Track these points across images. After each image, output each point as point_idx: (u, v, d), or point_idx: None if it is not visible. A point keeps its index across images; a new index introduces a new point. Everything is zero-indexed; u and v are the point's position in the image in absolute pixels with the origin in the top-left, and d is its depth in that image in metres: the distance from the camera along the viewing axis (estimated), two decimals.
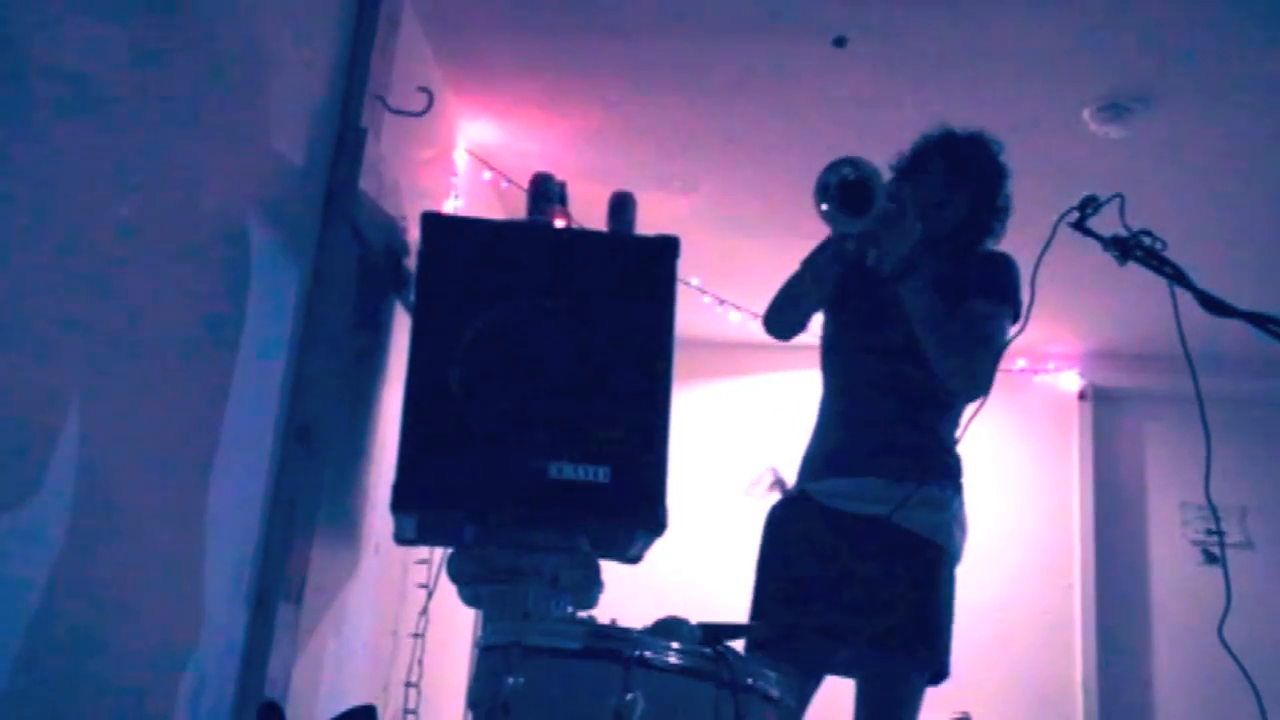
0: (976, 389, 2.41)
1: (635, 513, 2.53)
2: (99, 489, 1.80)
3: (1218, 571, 4.90)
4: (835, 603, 2.34)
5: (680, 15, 3.15)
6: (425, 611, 2.99)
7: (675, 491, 2.53)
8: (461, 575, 2.63)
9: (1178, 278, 1.84)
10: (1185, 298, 1.82)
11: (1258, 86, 3.24)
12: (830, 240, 2.42)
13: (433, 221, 2.71)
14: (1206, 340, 1.91)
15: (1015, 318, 2.46)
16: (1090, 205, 1.94)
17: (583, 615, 2.38)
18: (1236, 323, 1.79)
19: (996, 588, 4.87)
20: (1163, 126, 3.43)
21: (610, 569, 2.70)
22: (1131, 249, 1.88)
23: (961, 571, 2.45)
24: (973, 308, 2.41)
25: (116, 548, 1.88)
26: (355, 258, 2.80)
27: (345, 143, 2.70)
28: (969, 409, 2.48)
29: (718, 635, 1.88)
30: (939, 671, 2.37)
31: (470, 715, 1.97)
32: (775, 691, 1.87)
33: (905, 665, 2.35)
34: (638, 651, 1.76)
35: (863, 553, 2.36)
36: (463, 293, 2.61)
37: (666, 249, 2.69)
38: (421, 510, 2.59)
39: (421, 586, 2.99)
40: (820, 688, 2.43)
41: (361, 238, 2.79)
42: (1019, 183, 2.59)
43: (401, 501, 2.50)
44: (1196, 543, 5.12)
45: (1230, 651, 1.97)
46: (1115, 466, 5.27)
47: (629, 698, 1.72)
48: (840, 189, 2.25)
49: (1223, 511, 4.86)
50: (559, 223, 3.04)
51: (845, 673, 2.44)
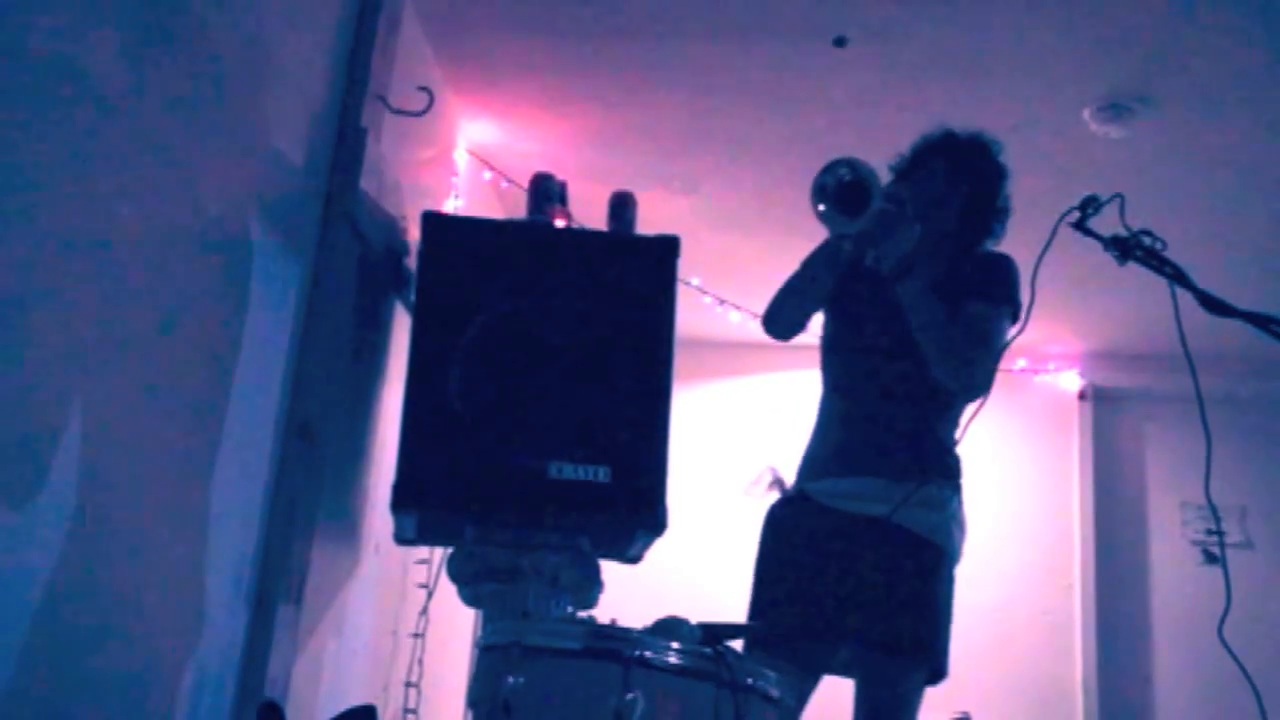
0: (974, 389, 2.41)
1: (635, 513, 2.53)
2: (99, 488, 1.80)
3: (1218, 571, 4.91)
4: (834, 602, 2.34)
5: (680, 15, 3.15)
6: (425, 611, 2.99)
7: (675, 491, 2.53)
8: (461, 575, 2.63)
9: (1178, 278, 1.84)
10: (1185, 298, 1.82)
11: (1258, 86, 3.24)
12: (829, 241, 2.42)
13: (433, 221, 2.71)
14: (1206, 340, 1.91)
15: (1015, 318, 2.46)
16: (1090, 205, 1.94)
17: (583, 615, 2.38)
18: (1236, 323, 1.79)
19: (996, 588, 4.87)
20: (1163, 126, 3.43)
21: (610, 569, 2.70)
22: (1131, 249, 1.88)
23: (961, 571, 2.45)
24: (972, 308, 2.41)
25: (117, 547, 1.88)
26: (355, 258, 2.80)
27: (345, 143, 2.70)
28: (969, 409, 2.48)
29: (718, 635, 1.88)
30: (937, 671, 2.37)
31: (470, 715, 1.97)
32: (775, 691, 1.87)
33: (903, 665, 2.34)
34: (638, 651, 1.76)
35: (862, 552, 2.36)
36: (463, 293, 2.61)
37: (667, 249, 2.69)
38: (421, 510, 2.59)
39: (421, 586, 2.99)
40: (820, 688, 2.43)
41: (362, 238, 2.79)
42: (1019, 183, 2.59)
43: (401, 501, 2.51)
44: (1196, 543, 5.11)
45: (1230, 651, 1.97)
46: (1115, 466, 5.27)
47: (629, 698, 1.72)
48: (837, 190, 2.25)
49: (1223, 511, 4.86)
50: (559, 223, 3.04)
51: (844, 672, 2.44)
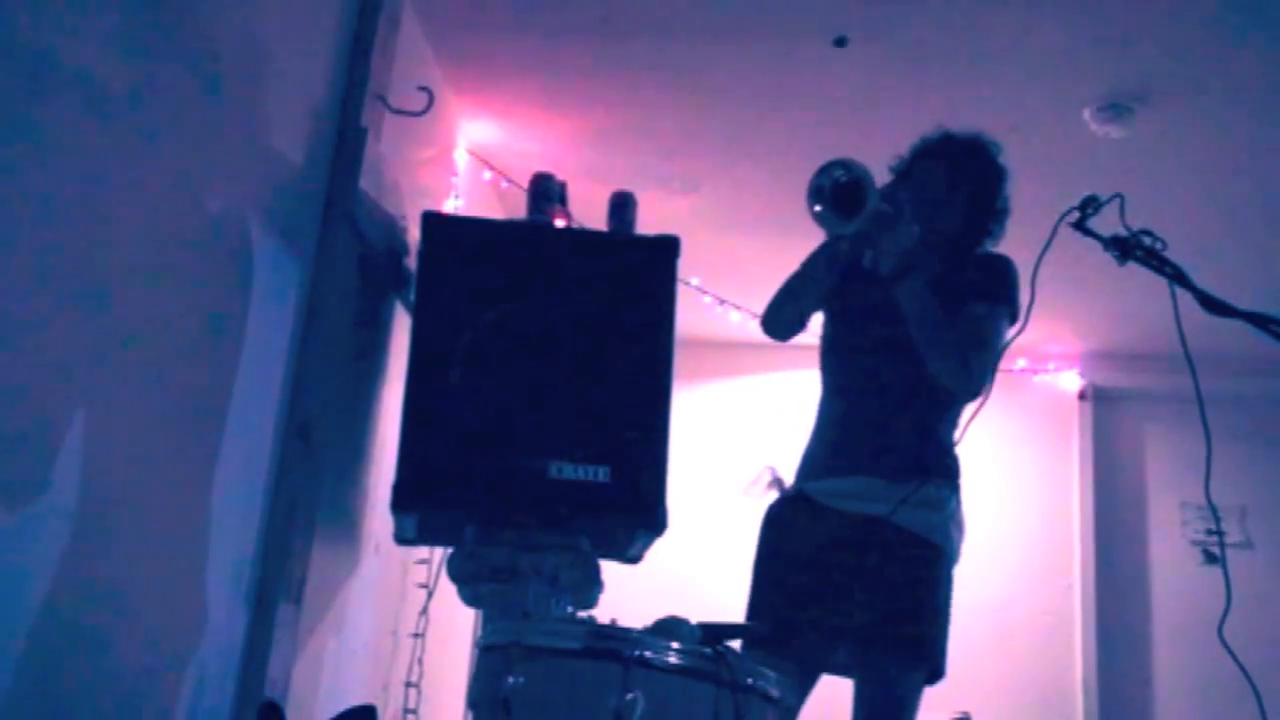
0: (972, 390, 2.41)
1: (635, 513, 2.53)
2: (100, 489, 1.80)
3: (1218, 571, 4.91)
4: (832, 602, 2.34)
5: (680, 15, 3.15)
6: (425, 611, 2.99)
7: (675, 491, 2.54)
8: (461, 575, 2.63)
9: (1178, 278, 1.84)
10: (1185, 298, 1.82)
11: (1258, 86, 3.24)
12: (828, 242, 2.42)
13: (433, 221, 2.71)
14: (1206, 340, 1.91)
15: (1013, 319, 2.46)
16: (1090, 205, 1.94)
17: (583, 615, 2.38)
18: (1236, 323, 1.78)
19: (996, 588, 4.87)
20: (1163, 126, 3.43)
21: (610, 569, 2.70)
22: (1131, 249, 1.88)
23: (961, 571, 2.45)
24: (971, 309, 2.41)
25: (117, 547, 1.88)
26: (355, 258, 2.80)
27: (345, 143, 2.70)
28: (969, 409, 2.48)
29: (718, 635, 1.88)
30: (935, 671, 2.37)
31: (470, 715, 1.97)
32: (775, 691, 1.87)
33: (902, 665, 2.35)
34: (638, 651, 1.76)
35: (860, 552, 2.36)
36: (463, 293, 2.61)
37: (667, 249, 2.69)
38: (421, 510, 2.59)
39: (421, 586, 2.99)
40: (820, 688, 2.43)
41: (362, 237, 2.79)
42: (1019, 183, 2.59)
43: (401, 501, 2.51)
44: (1196, 543, 5.11)
45: (1230, 651, 1.96)
46: (1115, 466, 5.27)
47: (629, 698, 1.72)
48: (833, 191, 2.26)
49: (1223, 511, 4.86)
50: (559, 222, 3.04)
51: (843, 672, 2.44)
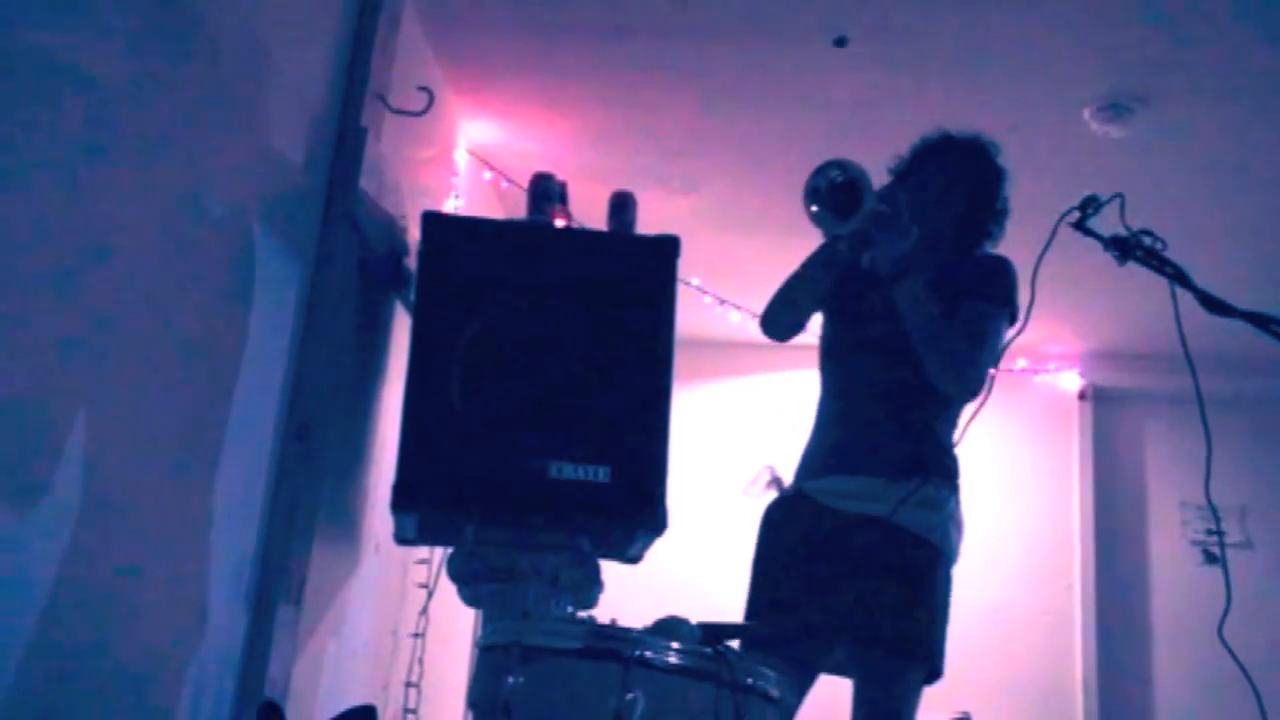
0: (969, 391, 2.41)
1: (635, 513, 2.53)
2: (100, 489, 1.80)
3: (1218, 571, 4.91)
4: (831, 602, 2.33)
5: (680, 15, 3.15)
6: (425, 611, 2.99)
7: (675, 491, 2.53)
8: (461, 575, 2.63)
9: (1178, 278, 1.84)
10: (1185, 298, 1.82)
11: (1258, 86, 3.24)
12: (827, 243, 2.42)
13: (433, 221, 2.71)
14: (1206, 340, 1.91)
15: (1012, 320, 2.46)
16: (1090, 205, 1.94)
17: (583, 615, 2.38)
18: (1236, 323, 1.79)
19: (996, 588, 4.87)
20: (1163, 126, 3.43)
21: (610, 569, 2.70)
22: (1132, 249, 1.88)
23: (961, 571, 2.45)
24: (969, 310, 2.41)
25: (117, 547, 1.88)
26: (355, 258, 2.80)
27: (345, 142, 2.70)
28: (968, 409, 2.48)
29: (718, 635, 1.88)
30: (934, 671, 2.37)
31: (470, 715, 1.97)
32: (775, 691, 1.87)
33: (900, 664, 2.34)
34: (638, 651, 1.76)
35: (859, 552, 2.36)
36: (463, 293, 2.61)
37: (667, 249, 2.69)
38: (421, 510, 2.59)
39: (421, 586, 2.99)
40: (820, 688, 2.42)
41: (362, 238, 2.79)
42: (1019, 183, 2.59)
43: (401, 501, 2.51)
44: (1196, 543, 5.11)
45: (1230, 651, 1.97)
46: (1115, 466, 5.27)
47: (629, 698, 1.72)
48: (829, 191, 2.26)
49: (1223, 511, 4.86)
50: (559, 222, 3.04)
51: (841, 672, 2.44)
